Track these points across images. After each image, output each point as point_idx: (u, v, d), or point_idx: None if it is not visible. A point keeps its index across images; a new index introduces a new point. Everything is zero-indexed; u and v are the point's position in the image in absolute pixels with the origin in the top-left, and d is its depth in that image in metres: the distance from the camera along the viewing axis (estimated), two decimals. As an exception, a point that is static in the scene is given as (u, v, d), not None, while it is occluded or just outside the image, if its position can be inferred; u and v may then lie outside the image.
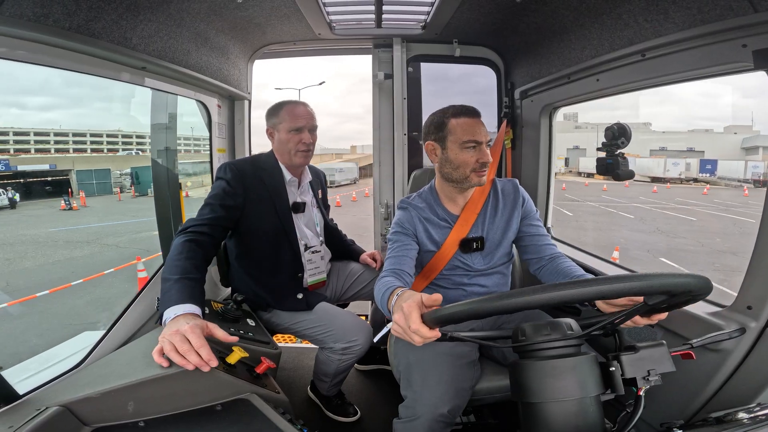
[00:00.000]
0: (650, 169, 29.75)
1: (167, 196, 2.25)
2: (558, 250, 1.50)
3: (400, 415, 1.28)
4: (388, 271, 1.34)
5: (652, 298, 0.77)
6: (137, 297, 1.65)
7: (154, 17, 1.48)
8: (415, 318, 0.85)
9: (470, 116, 1.42)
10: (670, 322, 1.32)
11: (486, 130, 1.43)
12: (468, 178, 1.43)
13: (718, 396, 1.17)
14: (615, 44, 1.46)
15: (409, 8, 2.01)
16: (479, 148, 1.40)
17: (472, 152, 1.40)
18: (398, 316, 0.89)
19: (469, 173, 1.42)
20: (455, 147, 1.41)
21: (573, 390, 0.73)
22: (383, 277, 1.28)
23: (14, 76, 60.57)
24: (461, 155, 1.41)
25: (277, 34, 2.20)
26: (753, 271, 1.12)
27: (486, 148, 1.41)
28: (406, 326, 0.86)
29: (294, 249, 1.78)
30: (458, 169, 1.43)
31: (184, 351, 0.96)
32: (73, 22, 1.18)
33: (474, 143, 1.39)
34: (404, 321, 0.86)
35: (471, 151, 1.40)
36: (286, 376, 2.34)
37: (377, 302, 1.21)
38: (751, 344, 1.10)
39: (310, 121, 1.74)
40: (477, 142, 1.39)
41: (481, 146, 1.40)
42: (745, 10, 1.01)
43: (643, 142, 50.41)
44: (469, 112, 1.43)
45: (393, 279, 1.25)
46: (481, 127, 1.42)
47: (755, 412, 0.74)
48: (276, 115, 1.75)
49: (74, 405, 0.88)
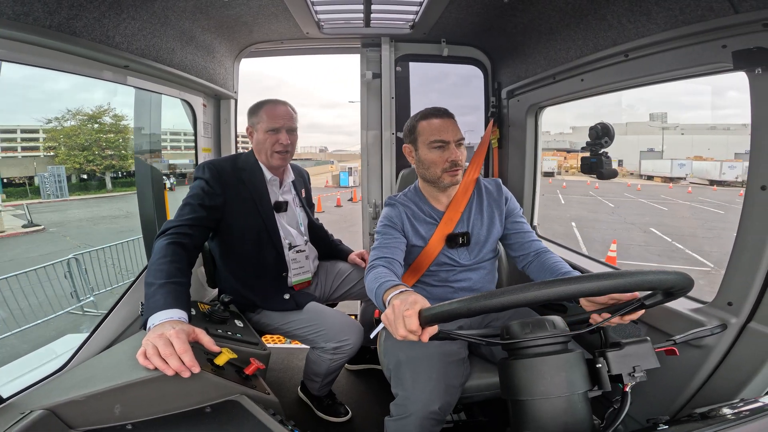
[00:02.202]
0: (707, 172, 29.58)
1: (151, 196, 2.22)
2: (543, 245, 1.52)
3: (392, 414, 1.29)
4: (380, 260, 1.33)
5: (649, 298, 0.79)
6: (120, 299, 1.62)
7: (138, 15, 1.45)
8: (414, 321, 0.86)
9: (439, 117, 1.46)
10: (653, 319, 1.35)
11: (457, 130, 1.46)
12: (440, 178, 1.45)
13: (702, 391, 1.19)
14: (599, 45, 1.49)
15: (398, 8, 2.01)
16: (447, 147, 1.43)
17: (439, 152, 1.43)
18: (399, 302, 0.90)
19: (441, 173, 1.45)
20: (424, 147, 1.46)
21: (561, 387, 0.74)
22: (375, 267, 1.28)
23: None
24: (430, 155, 1.45)
25: (264, 33, 2.18)
26: (732, 268, 1.15)
27: (456, 147, 1.44)
28: (400, 320, 0.87)
29: (277, 248, 1.77)
30: (429, 169, 1.47)
31: (166, 355, 0.95)
32: (54, 21, 1.15)
33: (441, 143, 1.43)
34: (401, 321, 0.87)
35: (439, 151, 1.43)
36: (275, 377, 2.33)
37: (368, 292, 1.21)
38: (733, 340, 1.13)
39: (288, 122, 1.71)
40: (444, 141, 1.43)
41: (449, 145, 1.43)
42: (725, 11, 1.03)
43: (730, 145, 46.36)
44: (437, 114, 1.47)
45: (387, 271, 1.25)
46: (449, 126, 1.45)
47: (739, 408, 0.75)
48: (255, 115, 1.73)
49: (59, 408, 0.87)
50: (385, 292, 1.08)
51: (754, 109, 1.06)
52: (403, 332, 0.86)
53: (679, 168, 32.78)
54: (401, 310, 0.88)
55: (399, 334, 0.87)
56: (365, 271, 1.33)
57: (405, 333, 0.86)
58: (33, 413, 0.84)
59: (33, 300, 5.09)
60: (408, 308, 0.87)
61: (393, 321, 0.89)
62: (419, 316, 0.85)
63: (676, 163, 33.30)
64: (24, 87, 28.80)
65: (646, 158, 41.76)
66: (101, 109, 28.53)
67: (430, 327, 0.86)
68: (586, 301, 1.10)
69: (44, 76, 9.27)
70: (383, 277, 1.17)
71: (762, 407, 0.74)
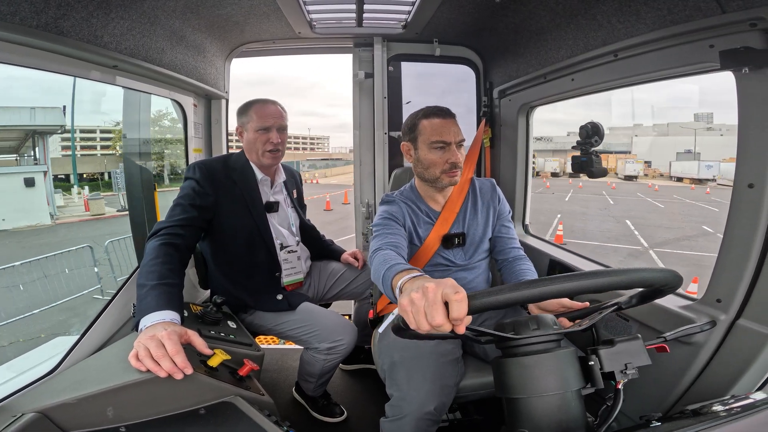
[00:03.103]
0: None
1: (140, 197, 2.19)
2: (522, 252, 1.56)
3: (387, 414, 1.29)
4: (386, 244, 1.24)
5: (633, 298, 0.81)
6: (111, 301, 1.60)
7: (127, 15, 1.44)
8: (463, 307, 0.69)
9: (441, 117, 1.44)
10: (644, 316, 1.37)
11: (458, 131, 1.45)
12: (439, 178, 1.45)
13: (693, 388, 1.21)
14: (589, 45, 1.50)
15: (390, 7, 2.00)
16: (448, 148, 1.42)
17: (440, 153, 1.42)
18: (434, 285, 0.72)
19: (440, 174, 1.44)
20: (425, 147, 1.44)
21: (555, 385, 0.75)
22: (382, 249, 1.20)
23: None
24: (430, 155, 1.43)
25: (255, 32, 2.16)
26: (721, 265, 1.16)
27: (456, 148, 1.43)
28: (439, 308, 0.69)
29: (269, 249, 1.76)
30: (428, 169, 1.45)
31: (158, 357, 0.94)
32: (41, 20, 1.14)
33: (442, 143, 1.41)
34: (439, 307, 0.69)
35: (439, 152, 1.42)
36: (270, 377, 2.32)
37: (374, 274, 1.11)
38: (722, 337, 1.15)
39: (278, 121, 1.71)
40: (445, 142, 1.41)
41: (449, 147, 1.42)
42: (713, 11, 1.04)
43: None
44: (440, 113, 1.45)
45: (395, 254, 1.16)
46: (451, 127, 1.43)
47: (730, 404, 0.76)
48: (245, 114, 1.72)
49: (52, 411, 0.86)
50: (396, 275, 0.96)
51: (740, 109, 1.07)
52: (441, 320, 0.68)
53: (706, 170, 32.61)
54: (441, 294, 0.69)
55: (434, 323, 0.68)
56: (369, 255, 1.27)
57: (442, 321, 0.68)
58: (25, 416, 0.83)
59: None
60: (457, 291, 0.69)
61: (425, 308, 0.70)
62: (469, 302, 0.70)
63: (704, 164, 33.20)
64: (102, 93, 33.48)
65: (681, 160, 41.70)
66: (160, 113, 34.03)
67: (468, 317, 0.71)
68: (535, 307, 1.15)
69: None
70: (393, 259, 1.08)
71: (753, 404, 0.75)
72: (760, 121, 1.04)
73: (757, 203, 1.06)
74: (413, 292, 0.73)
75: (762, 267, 1.08)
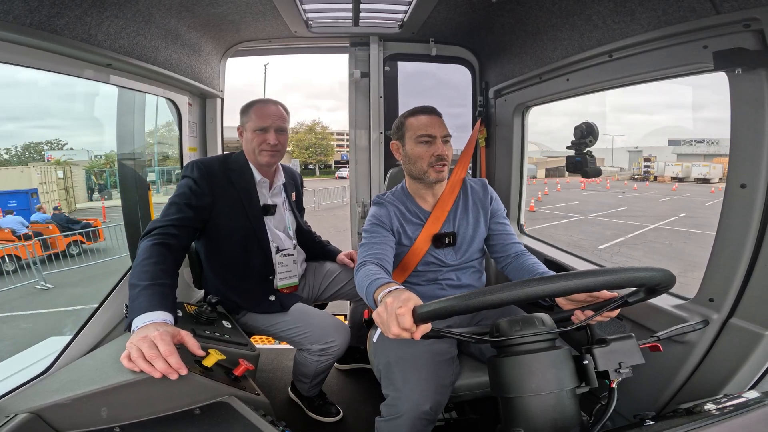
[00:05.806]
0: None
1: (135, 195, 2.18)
2: (523, 248, 1.55)
3: (383, 414, 1.29)
4: (370, 257, 1.32)
5: (633, 296, 0.81)
6: (104, 301, 1.59)
7: (122, 13, 1.43)
8: (408, 319, 0.83)
9: (426, 114, 1.49)
10: (637, 315, 1.38)
11: (443, 127, 1.49)
12: (426, 173, 1.47)
13: (686, 387, 1.22)
14: (584, 45, 1.50)
15: (387, 7, 2.00)
16: (434, 142, 1.46)
17: (426, 147, 1.46)
18: (391, 299, 0.87)
19: (427, 168, 1.47)
20: (411, 142, 1.48)
21: (550, 384, 0.75)
22: (366, 264, 1.27)
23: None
24: (416, 149, 1.47)
25: (251, 31, 2.15)
26: (713, 265, 1.17)
27: (442, 142, 1.46)
28: (393, 318, 0.84)
29: (265, 251, 1.75)
30: (416, 164, 1.48)
31: (151, 357, 0.93)
32: (34, 19, 1.13)
33: (428, 137, 1.46)
34: (394, 318, 0.84)
35: (425, 146, 1.46)
36: (265, 377, 2.31)
37: (359, 289, 1.19)
38: (715, 336, 1.15)
39: (277, 122, 1.68)
40: (431, 136, 1.46)
41: (435, 141, 1.46)
42: (707, 12, 1.05)
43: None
44: (425, 111, 1.51)
45: (377, 268, 1.24)
46: (436, 123, 1.48)
47: (723, 403, 0.77)
48: (246, 114, 1.71)
49: (45, 411, 0.85)
50: (377, 289, 1.05)
51: (733, 110, 1.08)
52: (396, 330, 0.83)
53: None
54: (394, 307, 0.84)
55: (392, 332, 0.83)
56: (355, 269, 1.32)
57: (398, 331, 0.83)
58: (18, 416, 0.83)
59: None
60: (401, 305, 0.83)
61: (385, 319, 0.85)
62: (413, 313, 0.82)
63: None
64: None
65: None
66: (315, 122, 44.14)
67: (424, 325, 0.83)
68: (565, 300, 1.12)
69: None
70: (374, 274, 1.16)
71: (745, 402, 0.76)
72: (752, 122, 1.04)
73: (749, 203, 1.07)
74: (380, 305, 0.90)
75: (754, 266, 1.08)
